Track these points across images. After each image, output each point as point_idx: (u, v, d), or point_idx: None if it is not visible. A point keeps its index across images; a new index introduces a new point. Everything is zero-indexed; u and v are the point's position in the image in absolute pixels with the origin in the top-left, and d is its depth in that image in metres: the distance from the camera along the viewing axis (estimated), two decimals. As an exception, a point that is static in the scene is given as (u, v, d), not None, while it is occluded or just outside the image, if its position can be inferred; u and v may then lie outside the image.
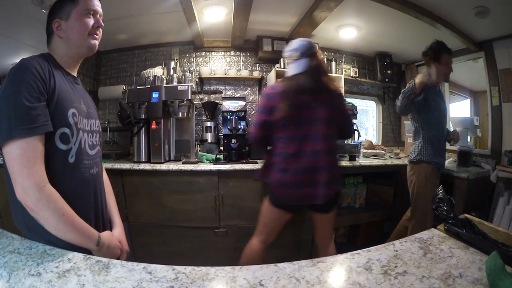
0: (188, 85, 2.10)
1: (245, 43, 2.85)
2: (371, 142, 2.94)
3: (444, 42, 1.95)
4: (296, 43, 1.48)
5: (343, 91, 2.95)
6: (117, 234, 0.95)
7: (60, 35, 0.84)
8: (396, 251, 0.68)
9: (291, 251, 2.00)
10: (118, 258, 0.86)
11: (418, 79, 1.75)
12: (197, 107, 2.68)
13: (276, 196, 1.44)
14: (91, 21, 0.86)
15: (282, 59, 2.75)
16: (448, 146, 2.10)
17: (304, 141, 1.34)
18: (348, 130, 1.61)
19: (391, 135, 3.55)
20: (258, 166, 1.92)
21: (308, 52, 1.44)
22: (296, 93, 1.36)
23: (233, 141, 2.21)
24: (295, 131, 1.36)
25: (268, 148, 1.54)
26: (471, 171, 2.07)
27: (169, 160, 2.17)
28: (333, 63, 3.08)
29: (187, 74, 2.27)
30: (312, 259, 0.64)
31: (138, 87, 2.24)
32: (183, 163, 2.02)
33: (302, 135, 1.35)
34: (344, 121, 1.50)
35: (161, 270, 0.59)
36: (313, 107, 1.36)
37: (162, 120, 2.08)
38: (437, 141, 1.92)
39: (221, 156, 2.20)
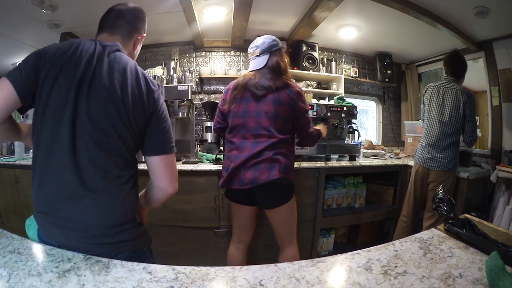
0: (188, 85, 2.09)
1: (245, 43, 2.85)
2: (371, 142, 2.94)
3: (444, 42, 1.94)
4: (259, 40, 1.49)
5: (343, 92, 2.96)
6: None
7: (136, 48, 0.95)
8: (396, 251, 0.68)
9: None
10: None
11: None
12: (197, 107, 2.68)
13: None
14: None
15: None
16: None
17: (237, 132, 1.45)
18: (303, 130, 1.54)
19: (391, 135, 3.55)
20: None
21: (269, 49, 1.45)
22: (237, 88, 1.46)
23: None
24: (233, 122, 1.47)
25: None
26: (471, 171, 2.06)
27: (169, 160, 2.17)
28: (333, 63, 3.09)
29: (187, 74, 2.27)
30: (312, 259, 0.64)
31: (138, 87, 2.24)
32: (183, 163, 2.01)
33: (237, 125, 1.45)
34: (296, 119, 1.46)
35: (161, 270, 0.59)
36: (249, 101, 1.43)
37: (162, 120, 2.08)
38: None
39: (221, 156, 2.19)
